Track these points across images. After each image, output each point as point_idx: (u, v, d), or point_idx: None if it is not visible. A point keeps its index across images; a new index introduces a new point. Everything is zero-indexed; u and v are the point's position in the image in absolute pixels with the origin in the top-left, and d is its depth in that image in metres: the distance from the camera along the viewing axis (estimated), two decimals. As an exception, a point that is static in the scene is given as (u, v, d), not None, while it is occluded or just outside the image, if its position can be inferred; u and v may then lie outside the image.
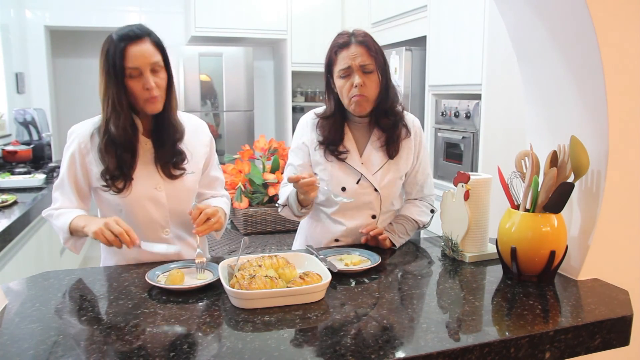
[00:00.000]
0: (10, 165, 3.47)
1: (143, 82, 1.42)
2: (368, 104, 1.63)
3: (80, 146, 1.49)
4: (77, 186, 1.53)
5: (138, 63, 1.41)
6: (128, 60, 1.40)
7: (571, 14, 1.34)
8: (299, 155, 1.75)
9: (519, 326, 1.12)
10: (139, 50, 1.41)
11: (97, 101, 1.49)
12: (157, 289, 1.32)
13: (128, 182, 1.49)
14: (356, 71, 1.58)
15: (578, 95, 1.42)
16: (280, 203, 1.76)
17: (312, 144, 1.72)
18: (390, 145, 1.68)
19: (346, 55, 1.59)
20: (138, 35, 1.42)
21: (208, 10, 4.68)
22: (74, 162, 1.50)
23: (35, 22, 4.75)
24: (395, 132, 1.68)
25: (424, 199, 1.81)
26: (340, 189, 1.68)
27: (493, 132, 3.21)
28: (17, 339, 1.05)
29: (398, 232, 1.71)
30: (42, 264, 2.87)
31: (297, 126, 1.82)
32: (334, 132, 1.69)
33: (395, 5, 4.29)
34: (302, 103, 5.28)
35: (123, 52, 1.40)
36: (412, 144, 1.73)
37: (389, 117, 1.67)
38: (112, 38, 1.43)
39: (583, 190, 1.43)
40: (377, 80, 1.61)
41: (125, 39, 1.40)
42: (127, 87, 1.43)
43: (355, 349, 1.01)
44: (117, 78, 1.41)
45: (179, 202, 1.57)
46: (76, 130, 1.53)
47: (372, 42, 1.62)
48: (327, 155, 1.69)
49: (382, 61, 1.62)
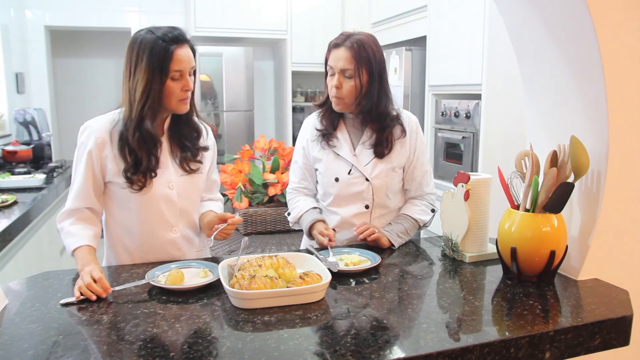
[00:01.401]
0: (10, 165, 3.47)
1: (183, 83, 1.48)
2: (344, 105, 1.70)
3: (97, 141, 1.50)
4: (95, 183, 1.52)
5: (183, 66, 1.47)
6: (175, 63, 1.45)
7: (571, 14, 1.34)
8: (300, 154, 1.86)
9: (519, 326, 1.12)
10: (185, 54, 1.47)
11: (97, 100, 1.50)
12: (157, 289, 1.32)
13: (149, 179, 1.51)
14: (337, 73, 1.66)
15: (578, 95, 1.42)
16: (292, 220, 1.87)
17: (311, 139, 1.81)
18: (379, 146, 1.72)
19: (334, 56, 1.67)
20: (184, 39, 1.48)
21: (208, 10, 4.68)
22: (91, 158, 1.50)
23: (35, 22, 4.75)
24: (384, 134, 1.72)
25: (423, 197, 1.81)
26: (334, 179, 1.75)
27: (493, 132, 3.21)
28: (17, 339, 1.05)
29: (397, 232, 1.71)
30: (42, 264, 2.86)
31: (301, 128, 1.90)
32: (328, 122, 1.78)
33: (395, 5, 4.29)
34: (302, 103, 5.28)
35: (172, 55, 1.44)
36: (408, 139, 1.76)
37: (379, 121, 1.70)
38: (155, 38, 1.44)
39: (583, 190, 1.43)
40: (354, 85, 1.65)
41: (173, 41, 1.45)
42: (165, 87, 1.47)
43: (355, 349, 1.01)
44: (162, 78, 1.45)
45: (188, 201, 1.61)
46: (91, 125, 1.53)
47: (364, 48, 1.64)
48: (322, 144, 1.77)
49: (368, 68, 1.64)
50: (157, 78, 1.44)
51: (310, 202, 1.84)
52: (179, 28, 1.50)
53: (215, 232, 1.55)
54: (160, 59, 1.43)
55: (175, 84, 1.47)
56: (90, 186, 1.52)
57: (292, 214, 1.87)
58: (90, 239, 1.48)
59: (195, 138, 1.61)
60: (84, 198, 1.52)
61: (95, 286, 1.27)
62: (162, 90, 1.46)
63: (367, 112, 1.69)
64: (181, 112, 1.53)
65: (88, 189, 1.52)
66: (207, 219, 1.62)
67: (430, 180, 1.82)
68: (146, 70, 1.43)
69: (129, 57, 1.47)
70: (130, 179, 1.48)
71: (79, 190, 1.52)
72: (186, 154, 1.58)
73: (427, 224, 1.82)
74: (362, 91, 1.66)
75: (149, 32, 1.46)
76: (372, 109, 1.68)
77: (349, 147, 1.75)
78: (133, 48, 1.46)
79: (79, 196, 1.52)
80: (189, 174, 1.59)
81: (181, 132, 1.58)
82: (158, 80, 1.44)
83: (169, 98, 1.48)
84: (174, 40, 1.45)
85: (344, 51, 1.64)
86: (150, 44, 1.44)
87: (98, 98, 5.35)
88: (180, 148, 1.58)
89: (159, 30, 1.46)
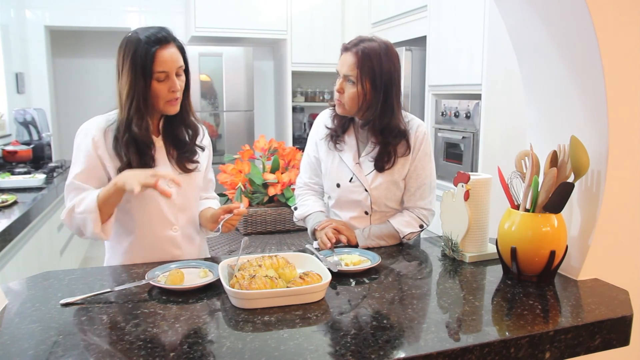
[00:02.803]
0: (10, 165, 3.47)
1: (169, 84, 1.46)
2: (345, 110, 1.68)
3: (94, 139, 1.49)
4: (97, 176, 1.50)
5: (167, 67, 1.45)
6: (158, 65, 1.43)
7: (571, 14, 1.34)
8: (313, 148, 1.86)
9: (519, 326, 1.12)
10: (169, 54, 1.45)
11: (97, 100, 1.51)
12: (157, 289, 1.32)
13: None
14: (341, 77, 1.66)
15: (578, 95, 1.42)
16: (298, 217, 1.87)
17: (320, 137, 1.81)
18: (379, 161, 1.69)
19: (341, 59, 1.66)
20: (167, 40, 1.46)
21: (208, 10, 4.68)
22: (90, 155, 1.49)
23: (35, 22, 4.75)
24: (387, 149, 1.68)
25: (415, 210, 1.74)
26: (336, 185, 1.76)
27: (493, 132, 3.21)
28: (17, 339, 1.05)
29: (371, 234, 1.70)
30: (42, 264, 2.87)
31: (315, 121, 1.89)
32: (339, 123, 1.77)
33: (395, 5, 4.29)
34: (302, 103, 5.28)
35: (153, 56, 1.42)
36: (411, 154, 1.71)
37: (382, 135, 1.66)
38: (139, 39, 1.43)
39: (583, 190, 1.43)
40: (356, 92, 1.62)
41: (155, 43, 1.43)
42: (152, 89, 1.46)
43: (355, 349, 1.01)
44: (145, 80, 1.44)
45: (187, 200, 1.61)
46: (86, 126, 1.53)
47: (369, 58, 1.60)
48: (329, 145, 1.77)
49: (371, 79, 1.60)
50: (141, 80, 1.43)
51: (319, 204, 1.84)
52: (166, 28, 1.48)
53: (222, 222, 1.55)
54: (143, 61, 1.42)
55: (161, 85, 1.46)
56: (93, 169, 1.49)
57: (299, 210, 1.86)
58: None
59: (191, 137, 1.60)
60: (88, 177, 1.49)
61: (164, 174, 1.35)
62: (148, 92, 1.45)
63: (371, 124, 1.67)
64: (170, 113, 1.51)
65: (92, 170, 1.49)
66: (211, 212, 1.61)
67: (427, 194, 1.74)
68: (129, 73, 1.43)
69: (117, 59, 1.47)
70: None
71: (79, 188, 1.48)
72: (183, 154, 1.58)
73: (410, 239, 1.74)
74: (365, 100, 1.63)
75: (134, 34, 1.45)
76: (375, 122, 1.65)
77: (353, 154, 1.73)
78: (120, 50, 1.46)
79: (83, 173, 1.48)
80: (187, 173, 1.59)
81: (175, 132, 1.57)
82: (142, 82, 1.43)
83: (156, 100, 1.47)
84: (157, 41, 1.43)
85: (349, 57, 1.62)
86: (134, 46, 1.43)
87: (98, 98, 5.34)
88: (176, 148, 1.58)
89: (146, 31, 1.45)
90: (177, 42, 1.50)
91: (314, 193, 1.89)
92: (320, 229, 1.71)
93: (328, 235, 1.64)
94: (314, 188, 1.89)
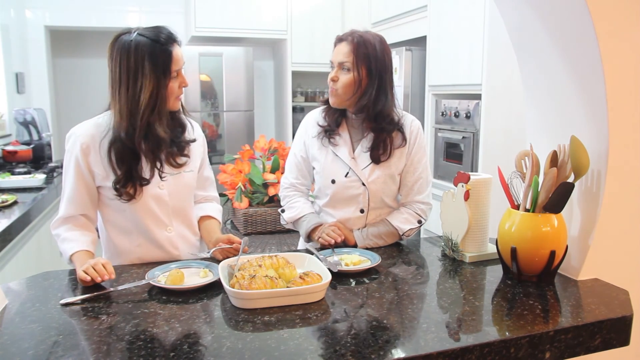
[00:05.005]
0: (10, 165, 3.47)
1: (180, 81, 1.49)
2: (339, 99, 1.68)
3: (82, 147, 1.49)
4: (87, 188, 1.51)
5: (180, 64, 1.49)
6: (174, 63, 1.46)
7: (571, 14, 1.34)
8: (301, 148, 1.83)
9: (519, 326, 1.12)
10: (179, 52, 1.49)
11: (97, 101, 1.49)
12: (157, 289, 1.32)
13: (139, 187, 1.50)
14: (335, 66, 1.67)
15: (578, 95, 1.42)
16: (288, 220, 1.82)
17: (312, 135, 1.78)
18: (375, 150, 1.69)
19: (335, 50, 1.68)
20: (175, 37, 1.48)
21: (208, 10, 4.68)
22: (79, 165, 1.49)
23: (35, 22, 4.74)
24: (382, 137, 1.68)
25: (412, 205, 1.74)
26: (330, 181, 1.73)
27: (493, 132, 3.21)
28: (17, 339, 1.05)
29: (369, 234, 1.70)
30: (42, 264, 2.86)
31: (302, 121, 1.88)
32: (332, 119, 1.76)
33: (395, 5, 4.29)
34: (302, 103, 5.27)
35: (171, 55, 1.45)
36: (407, 147, 1.72)
37: (376, 121, 1.67)
38: (151, 41, 1.42)
39: (583, 190, 1.43)
40: (351, 79, 1.63)
41: (170, 42, 1.45)
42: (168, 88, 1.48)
43: (355, 349, 1.01)
44: (166, 80, 1.46)
45: (180, 200, 1.60)
46: (75, 132, 1.52)
47: (364, 45, 1.62)
48: (323, 141, 1.75)
49: (367, 65, 1.63)
50: (163, 81, 1.44)
51: (309, 206, 1.82)
52: (164, 26, 1.48)
53: (216, 248, 1.54)
54: (163, 62, 1.43)
55: (174, 82, 1.48)
56: (83, 192, 1.51)
57: (288, 214, 1.82)
58: (89, 244, 1.48)
59: (179, 132, 1.59)
60: (78, 205, 1.51)
61: (101, 267, 1.29)
62: (166, 92, 1.46)
63: (365, 111, 1.67)
64: (175, 109, 1.53)
65: (81, 195, 1.51)
66: (215, 237, 1.60)
67: (424, 189, 1.74)
68: (151, 76, 1.42)
69: (124, 64, 1.42)
70: (119, 191, 1.47)
71: (71, 196, 1.51)
72: (171, 149, 1.56)
73: (409, 235, 1.73)
74: (360, 87, 1.64)
75: (140, 36, 1.43)
76: (370, 107, 1.65)
77: (348, 148, 1.72)
78: (129, 54, 1.42)
79: (72, 202, 1.51)
80: (177, 169, 1.57)
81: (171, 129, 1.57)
82: (164, 82, 1.45)
83: (170, 98, 1.49)
84: (169, 40, 1.45)
85: (344, 45, 1.65)
86: (149, 48, 1.42)
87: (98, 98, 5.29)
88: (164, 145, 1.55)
89: (146, 32, 1.45)
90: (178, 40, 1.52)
91: (302, 194, 1.85)
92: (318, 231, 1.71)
93: (331, 235, 1.63)
94: (300, 189, 1.85)
